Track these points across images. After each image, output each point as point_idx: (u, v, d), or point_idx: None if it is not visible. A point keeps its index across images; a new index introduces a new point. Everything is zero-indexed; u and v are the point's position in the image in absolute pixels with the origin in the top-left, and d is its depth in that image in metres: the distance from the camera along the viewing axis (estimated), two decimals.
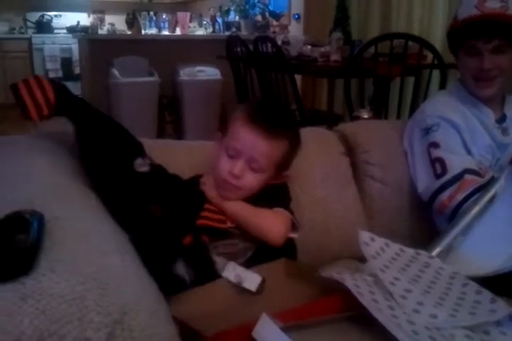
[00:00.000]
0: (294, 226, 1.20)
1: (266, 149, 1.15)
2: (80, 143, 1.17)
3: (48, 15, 7.28)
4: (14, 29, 7.20)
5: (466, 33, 1.43)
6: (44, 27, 7.17)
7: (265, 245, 1.14)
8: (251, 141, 1.14)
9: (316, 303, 0.87)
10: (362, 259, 1.08)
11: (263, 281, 1.00)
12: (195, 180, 1.26)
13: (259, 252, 1.15)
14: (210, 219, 1.15)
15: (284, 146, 1.18)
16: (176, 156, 1.39)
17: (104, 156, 1.13)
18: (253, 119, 1.15)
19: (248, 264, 1.10)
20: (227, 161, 1.16)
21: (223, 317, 0.93)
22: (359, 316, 0.82)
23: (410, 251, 1.08)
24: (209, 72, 4.82)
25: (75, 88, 6.17)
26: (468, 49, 1.44)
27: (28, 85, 1.10)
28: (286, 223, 1.18)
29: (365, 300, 0.83)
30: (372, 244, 1.03)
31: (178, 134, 4.77)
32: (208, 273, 1.06)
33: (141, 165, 1.16)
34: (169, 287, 0.93)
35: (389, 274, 0.95)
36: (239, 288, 1.01)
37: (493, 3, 1.38)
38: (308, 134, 1.59)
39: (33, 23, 7.22)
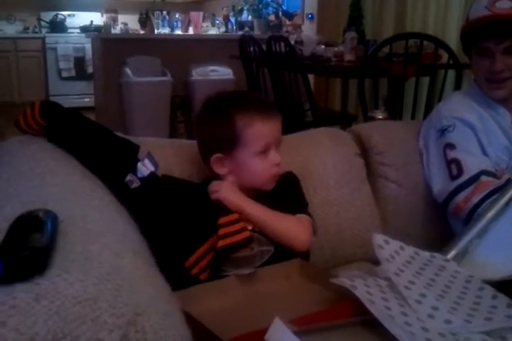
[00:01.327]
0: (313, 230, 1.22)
1: (280, 125, 1.23)
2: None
3: (62, 14, 7.32)
4: (28, 28, 7.26)
5: (477, 34, 1.42)
6: (58, 26, 7.21)
7: (282, 248, 1.14)
8: (275, 129, 1.21)
9: (330, 309, 0.86)
10: (376, 262, 1.06)
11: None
12: (204, 187, 1.22)
13: (277, 255, 1.13)
14: (230, 236, 1.09)
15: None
16: (188, 157, 1.38)
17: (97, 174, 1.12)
18: (260, 113, 1.19)
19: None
20: (262, 160, 1.19)
21: (236, 315, 0.93)
22: (374, 320, 0.81)
23: (425, 254, 1.07)
24: (222, 72, 4.82)
25: (88, 87, 6.22)
26: (480, 50, 1.43)
27: (25, 115, 1.18)
28: (309, 229, 1.19)
29: (377, 308, 0.82)
30: (386, 247, 1.02)
31: (190, 134, 4.78)
32: None
33: (131, 182, 1.15)
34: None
35: (403, 278, 0.94)
36: (252, 287, 1.01)
37: (503, 4, 1.37)
38: (323, 134, 1.59)
39: (47, 22, 7.26)
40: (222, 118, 1.19)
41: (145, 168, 1.17)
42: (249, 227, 1.14)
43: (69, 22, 7.35)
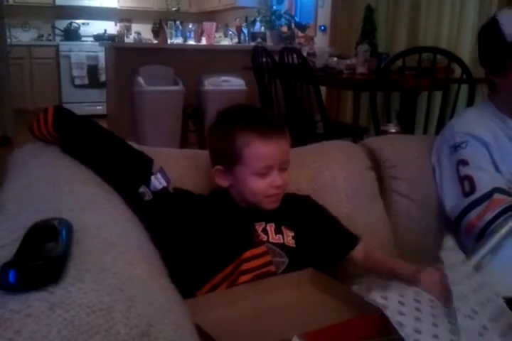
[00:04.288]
0: None
1: (286, 147, 1.19)
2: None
3: (76, 23, 7.40)
4: (42, 36, 7.34)
5: None
6: (71, 34, 7.29)
7: (297, 259, 1.14)
8: (276, 151, 1.15)
9: (348, 324, 0.85)
10: (386, 277, 1.06)
11: None
12: (214, 201, 1.24)
13: (292, 266, 1.14)
14: (252, 271, 1.09)
15: (288, 134, 1.21)
16: (201, 168, 1.38)
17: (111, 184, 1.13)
18: (259, 133, 1.15)
19: None
20: (262, 180, 1.16)
21: (245, 328, 0.92)
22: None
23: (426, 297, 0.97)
24: (234, 82, 4.84)
25: (100, 95, 6.27)
26: None
27: (38, 123, 1.15)
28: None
29: (407, 332, 0.80)
30: (389, 303, 0.97)
31: (202, 143, 4.79)
32: None
33: (144, 194, 1.15)
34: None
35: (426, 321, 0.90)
36: (263, 296, 1.01)
37: None
38: (334, 147, 1.58)
39: (61, 30, 7.34)
40: (225, 133, 1.19)
41: (158, 182, 1.18)
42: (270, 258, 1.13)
43: (83, 30, 7.43)
